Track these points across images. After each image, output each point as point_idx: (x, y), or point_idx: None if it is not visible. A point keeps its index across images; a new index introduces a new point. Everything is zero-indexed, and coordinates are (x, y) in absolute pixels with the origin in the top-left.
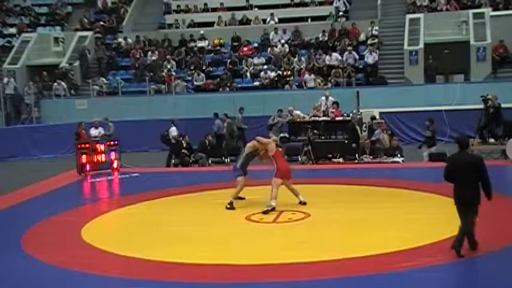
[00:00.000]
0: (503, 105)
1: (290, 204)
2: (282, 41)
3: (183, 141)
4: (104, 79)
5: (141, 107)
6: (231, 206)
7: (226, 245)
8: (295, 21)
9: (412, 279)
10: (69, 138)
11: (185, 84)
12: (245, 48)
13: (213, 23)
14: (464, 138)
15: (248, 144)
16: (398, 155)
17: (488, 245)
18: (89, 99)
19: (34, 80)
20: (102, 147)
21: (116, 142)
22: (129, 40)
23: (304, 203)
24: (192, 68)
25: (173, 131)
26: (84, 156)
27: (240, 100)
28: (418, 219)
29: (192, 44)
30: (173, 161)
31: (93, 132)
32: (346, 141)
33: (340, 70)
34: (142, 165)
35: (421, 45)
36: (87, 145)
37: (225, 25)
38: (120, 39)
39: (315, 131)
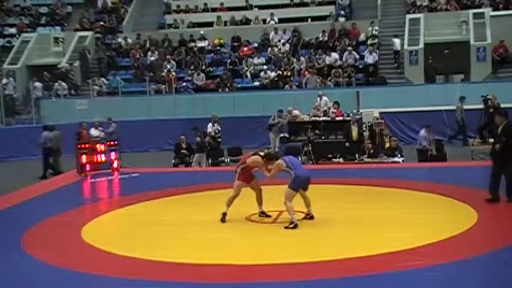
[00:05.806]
0: (503, 105)
1: None
2: (282, 41)
3: (182, 143)
4: (104, 79)
5: (141, 107)
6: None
7: (226, 245)
8: (295, 21)
9: (412, 279)
10: (69, 138)
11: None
12: (245, 48)
13: (213, 23)
14: None
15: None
16: (398, 155)
17: (488, 245)
18: (89, 99)
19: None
20: (102, 147)
21: (116, 142)
22: (129, 40)
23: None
24: (192, 68)
25: (209, 127)
26: (84, 156)
27: (240, 100)
28: (418, 219)
29: (192, 44)
30: (173, 161)
31: (94, 132)
32: (346, 142)
33: (340, 70)
34: (142, 165)
35: (421, 45)
36: (87, 145)
37: (225, 25)
38: (120, 39)
39: (315, 131)
